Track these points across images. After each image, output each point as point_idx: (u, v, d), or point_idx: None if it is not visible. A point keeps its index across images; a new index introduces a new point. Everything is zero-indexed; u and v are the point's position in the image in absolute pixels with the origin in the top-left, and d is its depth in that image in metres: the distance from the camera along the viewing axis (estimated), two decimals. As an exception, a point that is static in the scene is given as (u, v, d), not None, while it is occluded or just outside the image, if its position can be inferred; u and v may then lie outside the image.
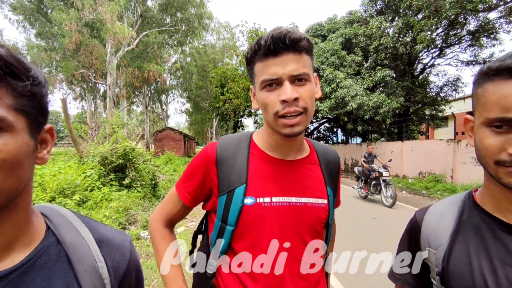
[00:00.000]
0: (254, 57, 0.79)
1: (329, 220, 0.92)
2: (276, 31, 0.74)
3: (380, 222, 6.01)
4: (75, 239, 0.54)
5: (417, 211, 0.81)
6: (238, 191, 0.82)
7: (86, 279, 0.51)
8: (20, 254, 0.48)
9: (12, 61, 0.41)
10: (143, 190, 7.23)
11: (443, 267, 0.68)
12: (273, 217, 0.82)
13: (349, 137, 23.24)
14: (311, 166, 0.91)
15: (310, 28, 20.52)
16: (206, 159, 0.88)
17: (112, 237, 0.60)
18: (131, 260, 0.61)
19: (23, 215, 0.49)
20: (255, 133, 0.95)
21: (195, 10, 21.48)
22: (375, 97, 13.83)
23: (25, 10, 17.80)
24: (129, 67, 18.75)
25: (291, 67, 0.74)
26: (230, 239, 0.83)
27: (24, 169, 0.44)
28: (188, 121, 43.66)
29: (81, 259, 0.52)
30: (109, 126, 8.63)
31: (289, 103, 0.74)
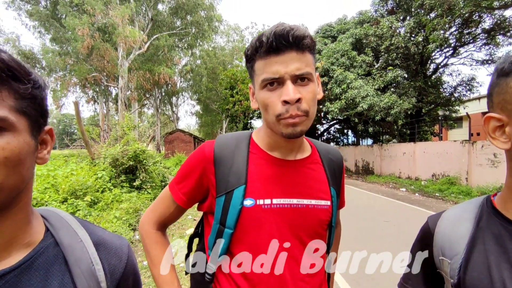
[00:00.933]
0: (254, 54, 0.75)
1: (332, 222, 0.88)
2: (278, 28, 0.70)
3: (392, 225, 5.88)
4: (73, 241, 0.54)
5: (429, 217, 0.75)
6: (237, 193, 0.78)
7: (82, 281, 0.52)
8: (18, 254, 0.49)
9: (13, 65, 0.44)
10: (153, 192, 7.29)
11: (459, 279, 0.62)
12: (273, 219, 0.79)
13: (360, 139, 22.94)
14: (313, 166, 0.88)
15: (319, 29, 20.39)
16: (203, 158, 0.84)
17: (110, 240, 0.60)
18: (128, 264, 0.61)
19: (23, 215, 0.50)
20: (254, 132, 0.91)
21: (205, 13, 21.67)
22: (386, 97, 13.60)
23: (41, 16, 18.31)
24: (140, 70, 19.06)
25: (293, 66, 0.71)
26: (229, 242, 0.80)
27: (26, 167, 0.46)
28: (198, 123, 43.98)
29: (78, 261, 0.53)
30: (120, 128, 8.75)
31: (291, 103, 0.71)
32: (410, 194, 10.21)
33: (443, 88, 16.37)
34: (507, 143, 0.57)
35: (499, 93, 0.57)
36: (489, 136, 0.60)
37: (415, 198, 9.45)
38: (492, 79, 0.59)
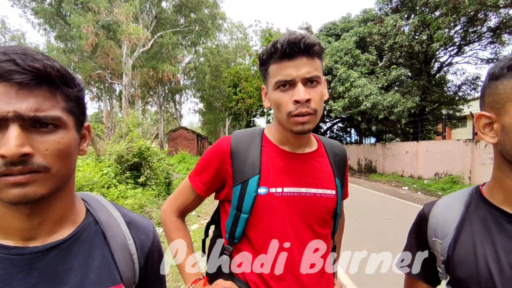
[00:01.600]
0: (269, 59, 0.85)
1: (337, 209, 0.97)
2: (292, 36, 0.80)
3: (394, 223, 5.92)
4: (109, 220, 0.65)
5: (425, 205, 0.84)
6: (252, 181, 0.87)
7: (118, 253, 0.62)
8: (67, 229, 0.58)
9: (65, 73, 0.51)
10: (158, 188, 7.37)
11: (448, 256, 0.71)
12: (284, 206, 0.87)
13: (363, 137, 22.91)
14: (320, 159, 0.97)
15: (323, 27, 20.34)
16: (221, 152, 0.93)
17: (139, 220, 0.71)
18: (154, 241, 0.71)
19: (69, 197, 0.59)
20: (266, 128, 1.00)
21: (209, 11, 21.67)
22: (390, 96, 13.58)
23: (46, 13, 18.41)
24: (144, 68, 19.12)
25: (304, 70, 0.80)
26: (245, 226, 0.89)
27: (73, 158, 0.55)
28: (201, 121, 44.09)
29: (114, 236, 0.63)
30: (125, 125, 8.84)
31: (301, 103, 0.80)
32: (413, 193, 10.23)
33: (447, 87, 16.31)
34: (494, 138, 0.65)
35: (489, 94, 0.65)
36: (479, 132, 0.68)
37: (417, 196, 9.48)
38: (484, 82, 0.68)
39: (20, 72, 0.45)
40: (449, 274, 0.72)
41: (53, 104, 0.49)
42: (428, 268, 0.82)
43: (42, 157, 0.47)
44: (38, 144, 0.47)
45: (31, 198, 0.47)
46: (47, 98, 0.48)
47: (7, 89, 0.45)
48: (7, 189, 0.45)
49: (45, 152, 0.48)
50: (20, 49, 0.47)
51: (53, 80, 0.49)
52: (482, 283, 0.63)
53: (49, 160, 0.48)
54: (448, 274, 0.72)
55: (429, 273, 0.82)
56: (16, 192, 0.45)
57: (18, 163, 0.45)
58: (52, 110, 0.48)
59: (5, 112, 0.44)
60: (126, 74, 16.84)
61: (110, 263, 0.60)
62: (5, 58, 0.45)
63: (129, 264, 0.63)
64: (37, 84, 0.47)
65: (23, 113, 0.45)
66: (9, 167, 0.44)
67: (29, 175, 0.46)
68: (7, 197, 0.46)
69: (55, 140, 0.49)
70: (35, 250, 0.52)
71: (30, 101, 0.46)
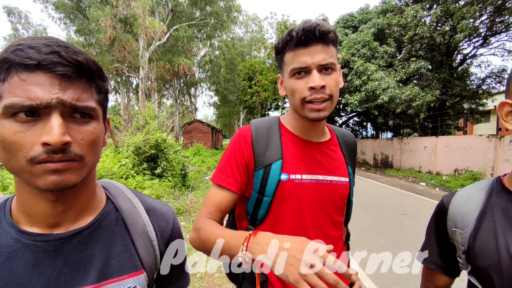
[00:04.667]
0: (285, 47, 0.86)
1: (350, 196, 1.00)
2: (306, 24, 0.81)
3: (410, 218, 5.81)
4: (129, 207, 0.66)
5: (444, 196, 0.84)
6: (275, 166, 0.89)
7: (138, 240, 0.63)
8: (89, 217, 0.60)
9: (100, 67, 0.54)
10: (174, 180, 7.51)
11: (469, 246, 0.71)
12: (303, 192, 0.89)
13: (380, 132, 22.45)
14: (333, 148, 0.99)
15: (340, 19, 19.89)
16: (242, 140, 0.93)
17: (158, 207, 0.71)
18: (174, 227, 0.71)
19: (92, 185, 0.61)
20: (282, 117, 1.02)
21: (224, 3, 21.59)
22: (408, 90, 13.19)
23: (66, 8, 18.84)
24: (160, 61, 19.34)
25: (319, 57, 0.81)
26: (268, 209, 0.90)
27: (100, 148, 0.57)
28: (216, 114, 44.36)
29: (134, 223, 0.64)
30: (142, 117, 9.01)
31: (316, 89, 0.81)
32: (430, 189, 9.98)
33: (470, 80, 15.66)
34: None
35: None
36: (502, 119, 0.69)
37: (435, 192, 9.24)
38: (511, 70, 0.67)
39: (64, 64, 0.47)
40: (470, 264, 0.72)
41: (89, 96, 0.52)
42: (447, 259, 0.82)
43: (78, 146, 0.50)
44: (75, 133, 0.50)
45: (66, 185, 0.49)
46: (85, 89, 0.51)
47: (51, 80, 0.47)
48: (45, 176, 0.47)
49: (80, 142, 0.50)
50: (61, 41, 0.49)
51: (93, 73, 0.52)
52: (504, 272, 0.63)
53: (84, 149, 0.51)
54: (469, 264, 0.72)
55: (449, 264, 0.82)
56: (54, 179, 0.47)
57: (59, 151, 0.47)
58: (89, 101, 0.51)
59: (49, 100, 0.46)
60: (142, 67, 17.09)
61: (131, 250, 0.61)
62: (49, 50, 0.47)
63: (149, 251, 0.64)
64: (78, 76, 0.49)
65: (66, 100, 0.48)
66: (51, 155, 0.46)
67: (67, 163, 0.48)
68: (45, 184, 0.47)
69: (90, 130, 0.52)
70: (59, 237, 0.54)
71: (71, 91, 0.49)
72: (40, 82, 0.46)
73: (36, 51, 0.46)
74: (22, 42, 0.47)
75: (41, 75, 0.46)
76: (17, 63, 0.46)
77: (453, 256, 0.80)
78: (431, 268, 0.85)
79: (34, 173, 0.47)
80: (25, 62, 0.46)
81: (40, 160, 0.46)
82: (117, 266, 0.59)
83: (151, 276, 0.65)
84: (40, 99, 0.46)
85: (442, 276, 0.84)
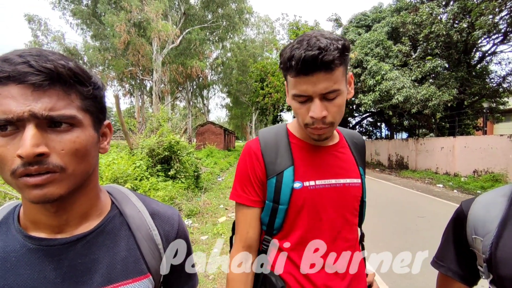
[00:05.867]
0: (286, 70, 0.82)
1: (363, 197, 0.99)
2: (308, 53, 0.72)
3: (427, 221, 5.65)
4: (133, 212, 0.66)
5: (463, 202, 0.81)
6: (287, 173, 0.88)
7: (144, 244, 0.63)
8: (93, 222, 0.60)
9: (79, 71, 0.51)
10: (187, 181, 7.58)
11: (491, 254, 0.68)
12: (318, 199, 0.89)
13: (394, 132, 22.01)
14: (343, 150, 0.98)
15: (353, 18, 19.66)
16: (253, 156, 0.92)
17: (163, 211, 0.71)
18: (180, 230, 0.71)
19: (93, 192, 0.61)
20: (289, 124, 1.02)
21: (236, 6, 21.71)
22: (424, 89, 12.87)
23: (83, 14, 19.38)
24: (173, 64, 19.62)
25: (322, 85, 0.76)
26: (284, 218, 0.89)
27: (91, 156, 0.55)
28: (228, 116, 44.61)
29: (139, 227, 0.64)
30: (155, 120, 9.14)
31: (317, 120, 0.80)
32: (448, 191, 9.70)
33: (490, 78, 15.14)
34: None
35: None
36: None
37: (453, 194, 8.97)
38: None
39: (34, 74, 0.46)
40: (492, 272, 0.69)
41: (67, 103, 0.49)
42: (465, 267, 0.79)
43: (58, 156, 0.48)
44: (54, 143, 0.48)
45: (50, 198, 0.48)
46: (61, 97, 0.49)
47: (23, 91, 0.46)
48: (28, 190, 0.47)
49: (61, 152, 0.48)
50: (36, 51, 0.48)
51: (65, 79, 0.49)
52: None
53: (65, 159, 0.49)
54: (490, 272, 0.69)
55: (467, 272, 0.79)
56: (36, 193, 0.47)
57: (35, 163, 0.46)
58: (66, 109, 0.49)
59: (21, 113, 0.45)
60: (156, 70, 17.36)
61: (136, 254, 0.61)
62: (20, 60, 0.46)
63: (155, 255, 0.64)
64: (50, 84, 0.47)
65: (37, 112, 0.46)
66: (27, 167, 0.46)
67: (46, 176, 0.47)
68: (29, 197, 0.48)
69: (71, 139, 0.50)
70: (63, 241, 0.55)
71: (44, 100, 0.47)
72: (13, 94, 0.45)
73: (8, 63, 0.46)
74: (1, 56, 0.47)
75: (13, 87, 0.46)
76: None
77: (471, 264, 0.77)
78: (448, 275, 0.82)
79: (19, 187, 0.47)
80: None
81: (20, 173, 0.46)
82: (122, 271, 0.59)
83: (158, 279, 0.66)
84: (13, 112, 0.45)
85: (459, 284, 0.81)
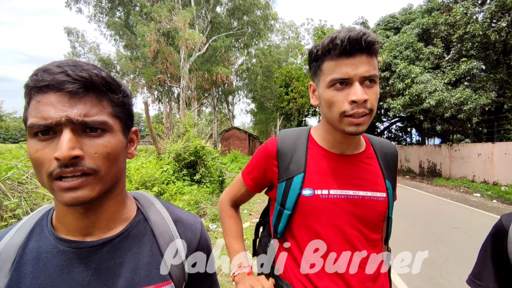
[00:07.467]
0: (325, 55, 0.80)
1: (389, 213, 0.93)
2: (352, 32, 0.75)
3: (463, 233, 5.31)
4: (157, 218, 0.68)
5: (502, 216, 0.77)
6: (297, 179, 0.88)
7: (166, 250, 0.65)
8: (120, 226, 0.63)
9: (110, 80, 0.55)
10: (212, 186, 7.68)
11: None
12: (331, 208, 0.85)
13: (426, 138, 21.02)
14: (368, 160, 0.93)
15: (381, 21, 19.16)
16: (267, 154, 0.96)
17: (186, 218, 0.73)
18: (202, 239, 0.72)
19: (120, 197, 0.63)
20: (313, 128, 0.99)
21: (261, 12, 21.95)
22: (458, 92, 12.20)
23: (116, 26, 20.48)
24: (200, 71, 20.13)
25: (363, 68, 0.76)
26: (287, 222, 0.90)
27: (120, 161, 0.58)
28: (253, 121, 44.87)
29: (162, 234, 0.66)
30: (182, 125, 9.39)
31: (358, 103, 0.76)
32: (486, 201, 9.07)
33: (532, 80, 14.09)
34: None
35: None
36: None
37: (492, 205, 8.37)
38: None
39: (71, 82, 0.50)
40: None
41: (100, 110, 0.53)
42: (506, 283, 0.73)
43: (91, 160, 0.52)
44: (88, 147, 0.52)
45: (82, 201, 0.51)
46: (94, 104, 0.53)
47: (61, 98, 0.50)
48: (62, 193, 0.50)
49: (94, 155, 0.52)
50: (72, 61, 0.52)
51: (99, 87, 0.53)
52: None
53: (98, 162, 0.52)
54: None
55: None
56: (70, 196, 0.50)
57: (70, 165, 0.49)
58: (98, 115, 0.53)
59: (59, 118, 0.49)
60: (183, 77, 17.91)
61: (159, 260, 0.63)
62: (58, 70, 0.50)
63: (177, 262, 0.65)
64: (85, 92, 0.51)
65: (73, 117, 0.50)
66: (63, 169, 0.49)
67: (80, 180, 0.51)
68: (63, 200, 0.51)
69: (103, 143, 0.53)
70: (91, 244, 0.58)
71: (79, 107, 0.51)
72: (52, 102, 0.50)
73: (47, 73, 0.50)
74: (40, 67, 0.52)
75: (52, 95, 0.50)
76: (32, 87, 0.51)
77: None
78: None
79: (54, 190, 0.51)
80: (38, 84, 0.50)
81: (56, 175, 0.50)
82: (145, 276, 0.60)
83: (179, 287, 0.67)
84: (51, 118, 0.49)
85: None
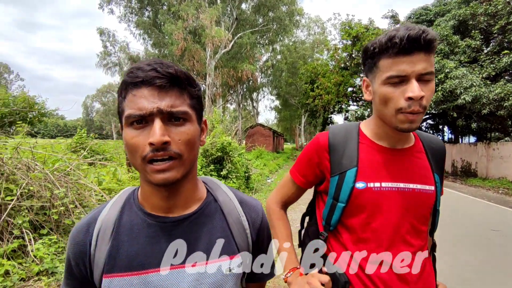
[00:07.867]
0: (382, 53, 0.82)
1: (436, 206, 0.95)
2: (412, 31, 0.76)
3: (502, 235, 5.02)
4: (225, 199, 0.76)
5: None
6: (350, 173, 0.90)
7: (234, 227, 0.73)
8: (194, 205, 0.71)
9: (189, 76, 0.63)
10: (238, 182, 7.79)
11: None
12: (383, 200, 0.88)
13: (459, 136, 19.95)
14: (418, 154, 0.95)
15: (412, 14, 18.36)
16: (318, 147, 0.98)
17: (249, 200, 0.81)
18: (263, 219, 0.80)
19: (194, 180, 0.72)
20: (362, 123, 1.01)
21: (286, 8, 21.77)
22: (499, 87, 11.45)
23: (145, 25, 21.14)
24: (225, 68, 20.37)
25: (420, 66, 0.77)
26: (341, 215, 0.92)
27: (196, 147, 0.65)
28: (277, 118, 44.76)
29: (231, 212, 0.74)
30: (209, 122, 9.58)
31: (414, 100, 0.78)
32: (528, 203, 8.49)
33: None
34: None
35: None
36: None
37: (535, 208, 7.82)
38: None
39: (160, 77, 0.57)
40: None
41: (182, 101, 0.60)
42: None
43: (176, 145, 0.59)
44: (173, 134, 0.59)
45: (170, 181, 0.59)
46: (178, 96, 0.60)
47: (152, 92, 0.57)
48: (154, 174, 0.58)
49: (178, 141, 0.59)
50: (158, 60, 0.60)
51: (181, 82, 0.60)
52: None
53: (181, 147, 0.60)
54: None
55: None
56: (161, 177, 0.58)
57: (161, 149, 0.57)
58: (181, 106, 0.60)
59: (152, 109, 0.57)
60: (209, 74, 18.22)
61: (229, 236, 0.71)
62: (149, 68, 0.57)
63: (243, 238, 0.74)
64: (171, 86, 0.59)
65: (163, 108, 0.57)
66: (155, 152, 0.57)
67: (169, 163, 0.58)
68: (155, 180, 0.59)
69: (185, 131, 0.60)
70: (173, 219, 0.67)
71: (167, 99, 0.58)
72: (145, 95, 0.57)
73: (141, 71, 0.57)
74: (134, 65, 0.59)
75: (144, 89, 0.58)
76: (129, 83, 0.58)
77: None
78: None
79: (147, 171, 0.59)
80: (134, 80, 0.58)
81: (149, 158, 0.57)
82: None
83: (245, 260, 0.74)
84: (145, 109, 0.57)
85: None
